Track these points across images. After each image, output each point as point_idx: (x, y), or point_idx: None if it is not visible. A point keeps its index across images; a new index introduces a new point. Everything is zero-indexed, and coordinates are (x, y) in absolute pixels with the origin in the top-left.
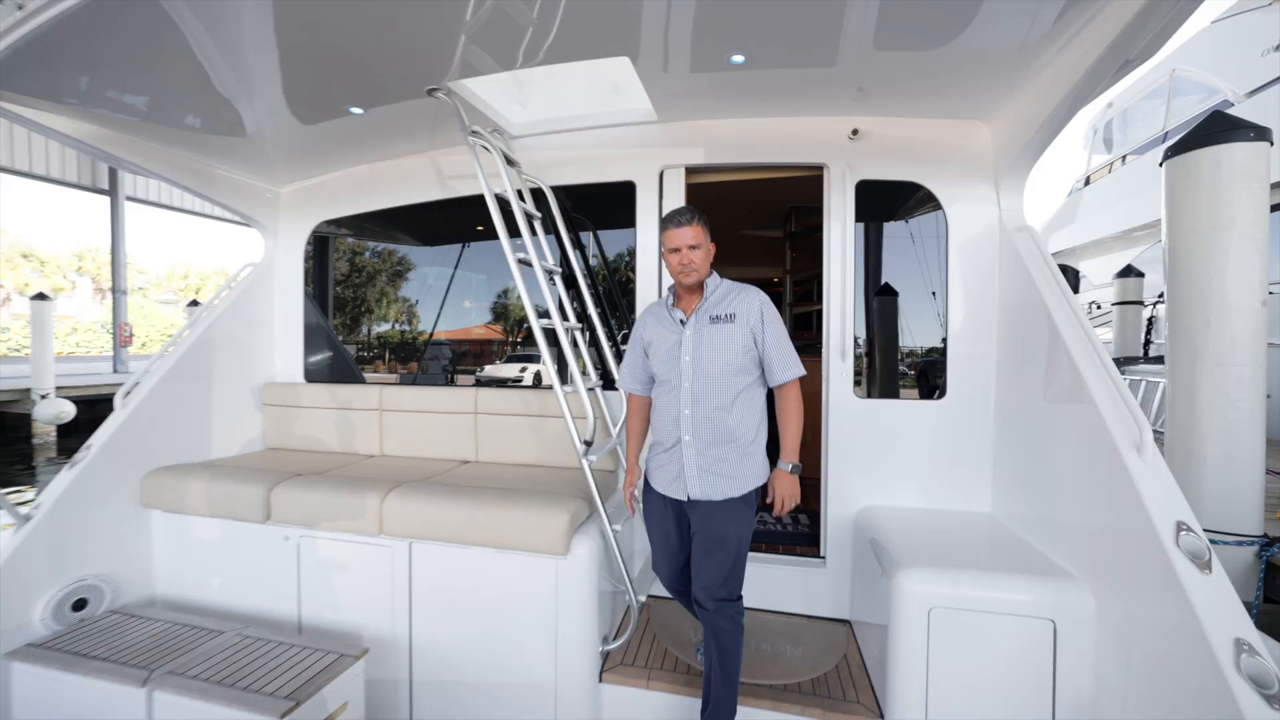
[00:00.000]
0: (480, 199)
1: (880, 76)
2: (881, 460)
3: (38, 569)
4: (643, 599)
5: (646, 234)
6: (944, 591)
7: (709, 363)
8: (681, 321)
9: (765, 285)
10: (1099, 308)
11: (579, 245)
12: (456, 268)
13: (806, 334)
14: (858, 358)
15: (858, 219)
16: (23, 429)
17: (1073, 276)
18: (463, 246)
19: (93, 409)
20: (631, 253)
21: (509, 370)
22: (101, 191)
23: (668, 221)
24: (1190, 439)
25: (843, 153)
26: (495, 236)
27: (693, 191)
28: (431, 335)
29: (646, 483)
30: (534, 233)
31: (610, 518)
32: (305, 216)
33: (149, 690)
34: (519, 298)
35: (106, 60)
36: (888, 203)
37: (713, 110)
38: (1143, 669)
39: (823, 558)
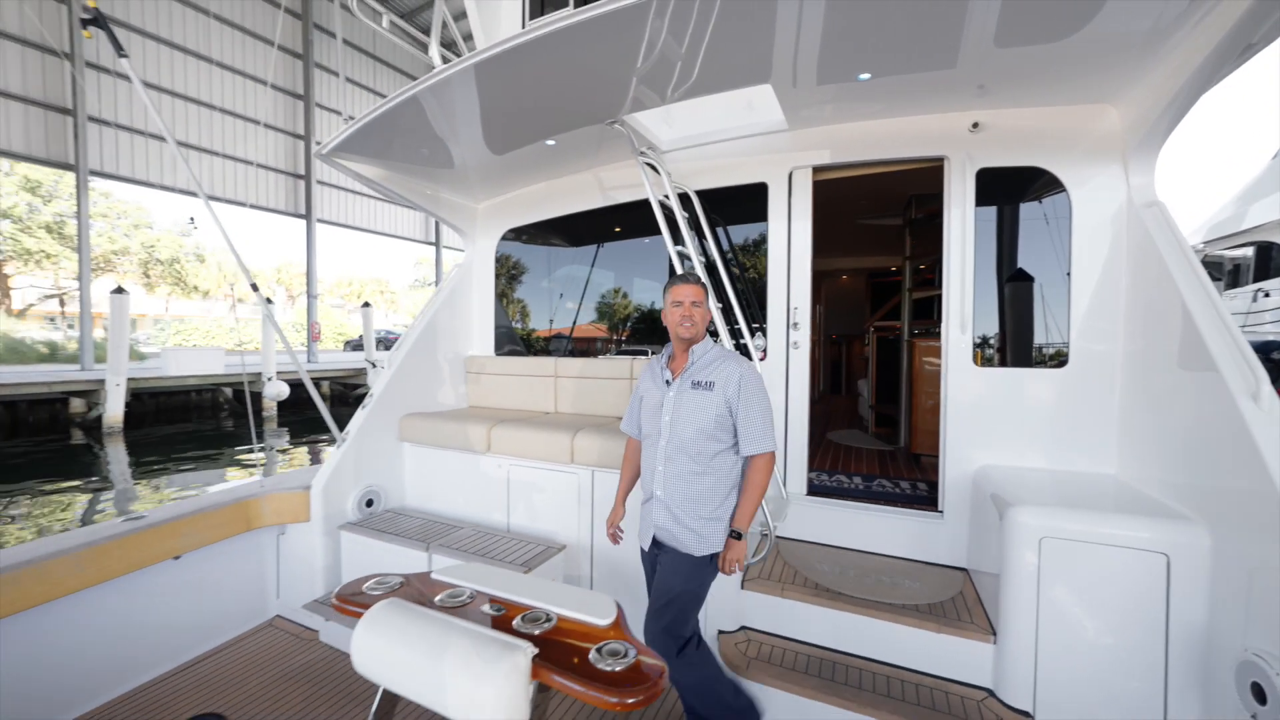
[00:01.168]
0: (618, 207)
1: (1001, 72)
2: (1001, 424)
3: (348, 476)
4: (777, 526)
5: (777, 227)
6: (1055, 524)
7: (683, 426)
8: (668, 382)
9: (882, 274)
10: None
11: (716, 239)
12: (593, 266)
13: (926, 320)
14: (984, 342)
15: (978, 204)
16: (255, 403)
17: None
18: (598, 247)
19: (294, 390)
20: (756, 243)
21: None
22: (300, 215)
23: (675, 279)
24: None
25: (963, 144)
26: (627, 237)
27: (818, 188)
28: (572, 330)
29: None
30: (675, 230)
31: None
32: (496, 226)
33: (429, 552)
34: (625, 296)
35: (389, 134)
36: (1009, 188)
37: (837, 116)
38: (1262, 604)
39: (940, 511)
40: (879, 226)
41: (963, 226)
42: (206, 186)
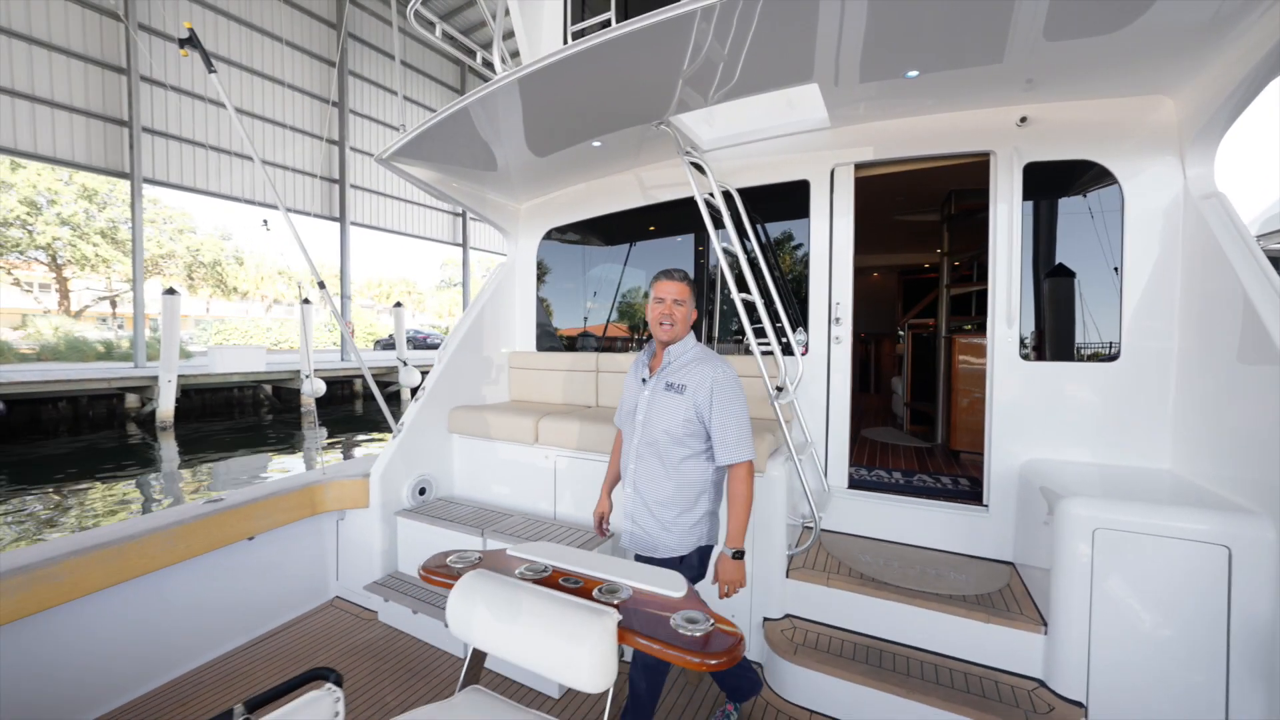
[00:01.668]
0: (652, 206)
1: (1050, 65)
2: (1049, 419)
3: (402, 465)
4: (821, 517)
5: (819, 224)
6: (1109, 516)
7: (653, 428)
8: (644, 380)
9: (914, 270)
10: None
11: (757, 236)
12: (626, 264)
13: (964, 315)
14: (1020, 339)
15: (1025, 198)
16: (293, 400)
17: None
18: (630, 246)
19: (330, 387)
20: (787, 239)
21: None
22: (333, 219)
23: (660, 274)
24: None
25: (1010, 139)
26: (660, 236)
27: (860, 185)
28: (607, 327)
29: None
30: (720, 226)
31: (797, 449)
32: (537, 225)
33: (484, 537)
34: (647, 296)
35: (439, 140)
36: (1057, 181)
37: (880, 113)
38: None
39: (985, 505)
40: (914, 223)
41: (1009, 221)
42: (249, 191)
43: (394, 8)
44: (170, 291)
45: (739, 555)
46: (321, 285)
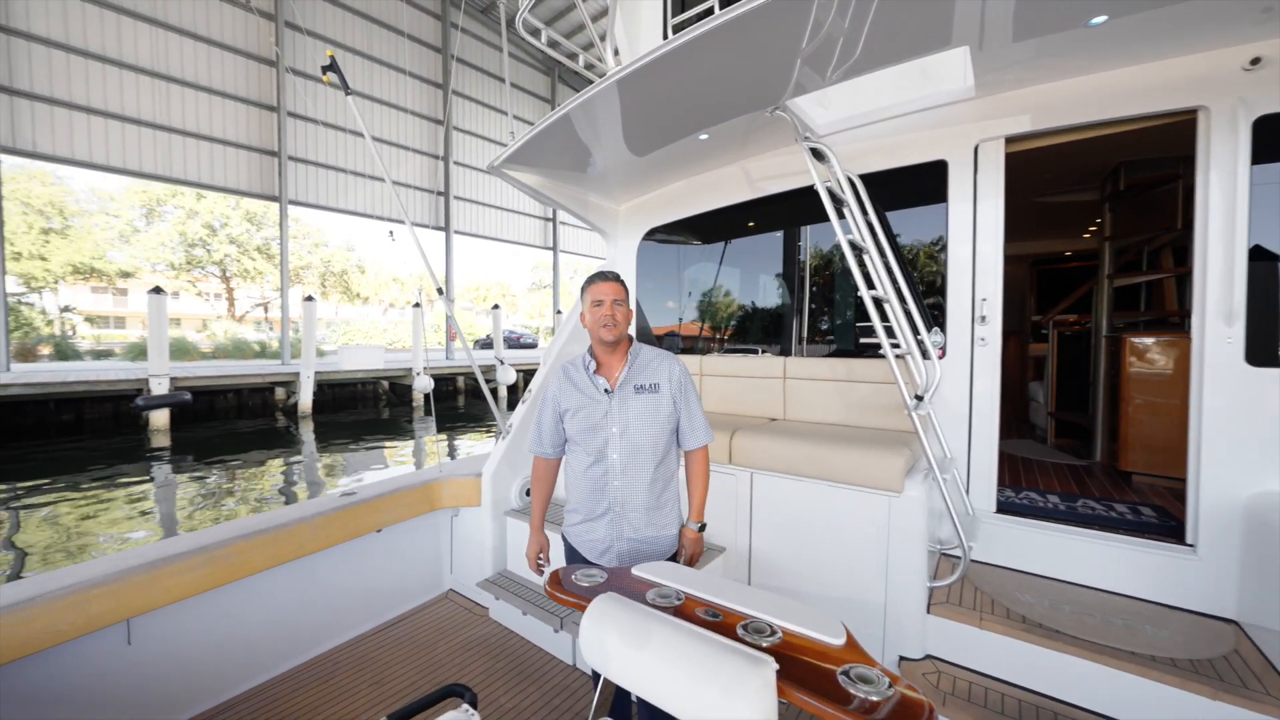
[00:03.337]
0: (751, 202)
1: None
2: None
3: (511, 466)
4: (972, 546)
5: (960, 209)
6: None
7: (638, 434)
8: (607, 391)
9: (1052, 259)
10: None
11: (885, 226)
12: (721, 263)
13: (1130, 311)
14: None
15: (1255, 161)
16: (406, 394)
17: None
18: (725, 244)
19: (435, 384)
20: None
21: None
22: (439, 228)
23: (594, 277)
24: None
25: (1232, 88)
26: (759, 232)
27: (1010, 161)
28: (702, 327)
29: (573, 552)
30: (841, 216)
31: (940, 466)
32: (636, 226)
33: None
34: (727, 294)
35: (543, 146)
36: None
37: (1042, 74)
38: None
39: (1190, 545)
40: (1058, 205)
41: (1229, 192)
42: (368, 206)
43: (504, 35)
44: (308, 298)
45: (702, 528)
46: (441, 291)
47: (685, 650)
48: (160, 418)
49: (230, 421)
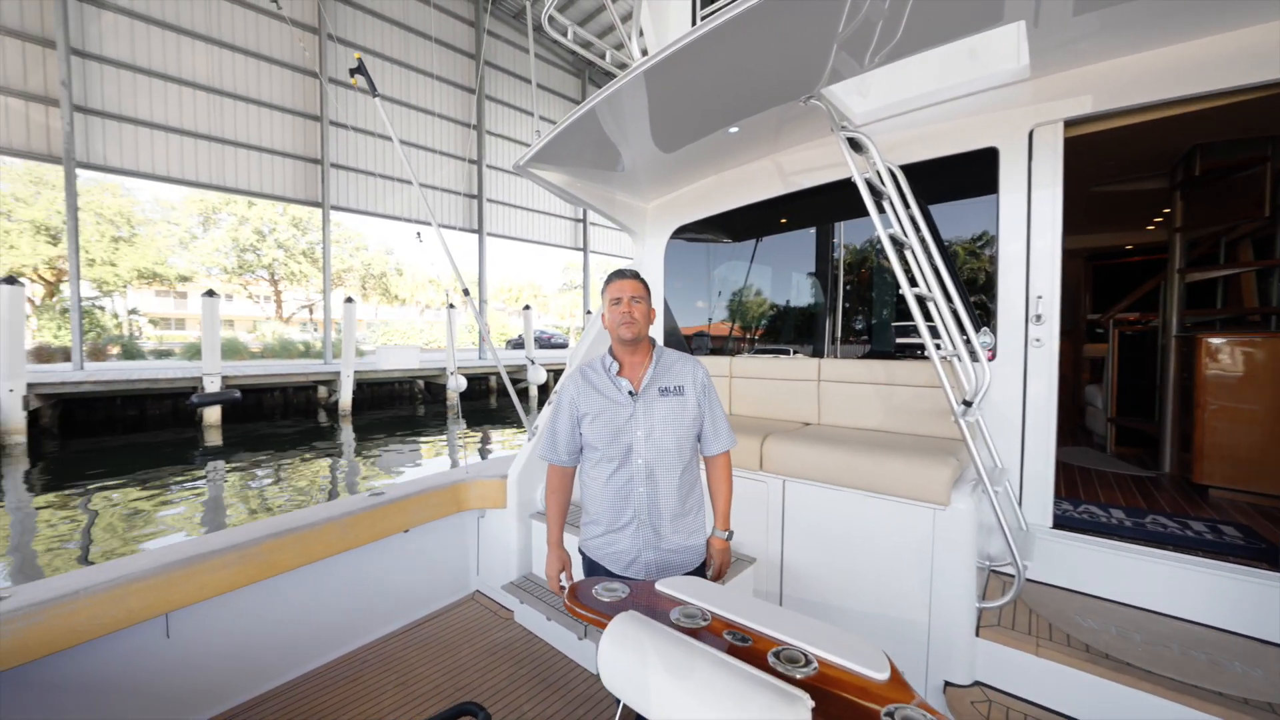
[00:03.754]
0: (782, 198)
1: None
2: None
3: (536, 469)
4: (1027, 565)
5: (1013, 199)
6: None
7: (664, 438)
8: (631, 394)
9: (1109, 254)
10: None
11: (928, 219)
12: (752, 261)
13: (1204, 309)
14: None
15: None
16: (441, 393)
17: None
18: (756, 242)
19: (469, 383)
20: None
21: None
22: (472, 231)
23: (613, 275)
24: None
25: None
26: (791, 229)
27: (1069, 146)
28: (732, 328)
29: (592, 566)
30: (881, 210)
31: (990, 477)
32: (665, 224)
33: None
34: (758, 294)
35: (569, 144)
36: None
37: (1103, 51)
38: None
39: None
40: (1119, 194)
41: None
42: (405, 210)
43: (530, 35)
44: (349, 300)
45: (730, 536)
46: (466, 292)
47: (712, 682)
48: (213, 414)
49: (275, 420)
